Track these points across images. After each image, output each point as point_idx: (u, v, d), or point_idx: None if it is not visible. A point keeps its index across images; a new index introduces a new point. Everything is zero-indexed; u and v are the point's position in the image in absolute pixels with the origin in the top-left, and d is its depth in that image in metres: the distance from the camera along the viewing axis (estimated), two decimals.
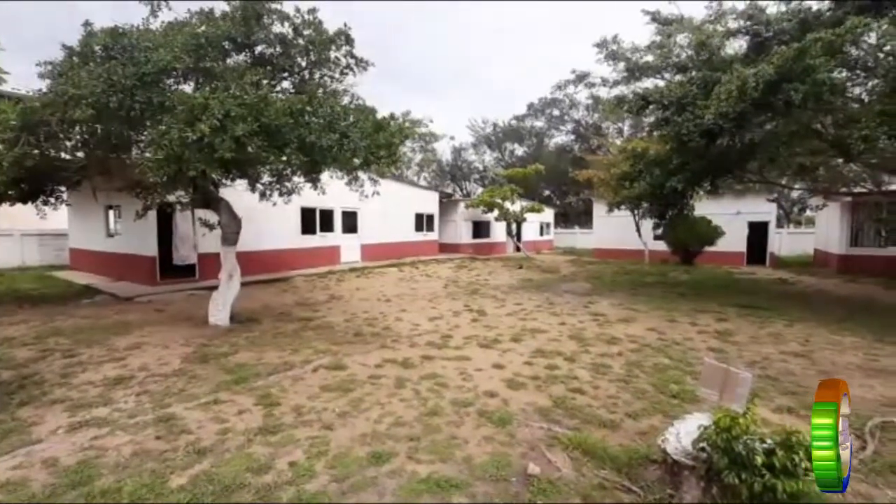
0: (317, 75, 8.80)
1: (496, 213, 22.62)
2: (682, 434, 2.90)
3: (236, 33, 7.21)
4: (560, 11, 67.31)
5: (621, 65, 11.05)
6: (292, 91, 8.34)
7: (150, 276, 11.96)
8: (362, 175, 9.21)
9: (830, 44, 7.63)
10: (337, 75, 8.83)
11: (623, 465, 3.28)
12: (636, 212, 16.83)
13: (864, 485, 3.16)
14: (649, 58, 10.76)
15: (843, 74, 8.86)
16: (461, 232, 25.14)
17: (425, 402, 4.53)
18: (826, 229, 19.15)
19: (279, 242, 15.09)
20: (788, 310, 9.23)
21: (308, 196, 10.02)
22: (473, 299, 10.87)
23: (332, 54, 8.38)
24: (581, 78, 11.93)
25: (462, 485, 3.08)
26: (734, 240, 19.28)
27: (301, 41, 7.93)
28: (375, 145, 7.15)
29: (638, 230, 19.60)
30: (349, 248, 18.23)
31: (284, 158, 6.77)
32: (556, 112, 45.65)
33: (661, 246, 19.57)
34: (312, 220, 16.56)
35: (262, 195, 9.39)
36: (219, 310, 7.93)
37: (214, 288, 8.33)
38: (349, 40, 8.30)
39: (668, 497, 2.80)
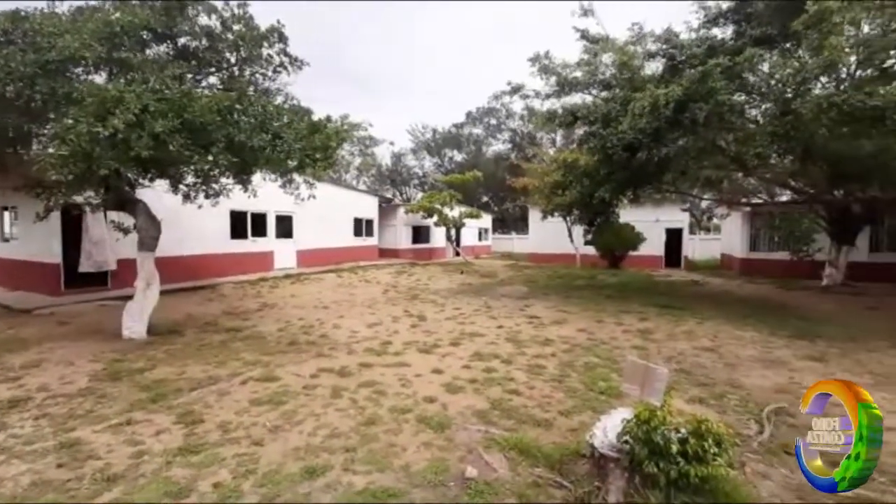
0: (247, 72, 8.40)
1: (436, 218, 22.81)
2: (608, 428, 3.08)
3: (156, 23, 6.69)
4: (501, 22, 69.59)
5: (553, 79, 11.64)
6: (220, 87, 7.89)
7: (53, 286, 10.70)
8: (298, 178, 8.90)
9: (729, 69, 8.56)
10: (269, 73, 8.50)
11: (556, 461, 3.41)
12: (568, 218, 17.72)
13: (761, 465, 3.53)
14: (578, 74, 11.43)
15: (742, 97, 9.96)
16: (401, 237, 25.03)
17: (363, 411, 4.44)
18: (730, 236, 21.34)
19: (206, 247, 14.14)
20: (700, 309, 10.13)
21: (238, 199, 9.49)
22: (413, 304, 10.85)
23: (265, 51, 8.06)
24: (516, 90, 12.41)
25: (400, 493, 3.05)
26: (654, 245, 20.93)
27: (230, 36, 7.54)
28: (311, 147, 6.94)
29: (570, 236, 20.64)
30: (284, 254, 17.49)
31: (211, 158, 6.38)
32: (493, 121, 47.00)
33: (592, 250, 20.74)
34: (243, 224, 15.70)
35: (186, 197, 8.76)
36: (134, 321, 7.26)
37: (129, 297, 7.62)
38: (282, 38, 8.02)
39: (595, 489, 2.96)
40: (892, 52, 9.24)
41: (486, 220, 34.05)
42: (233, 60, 8.00)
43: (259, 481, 3.19)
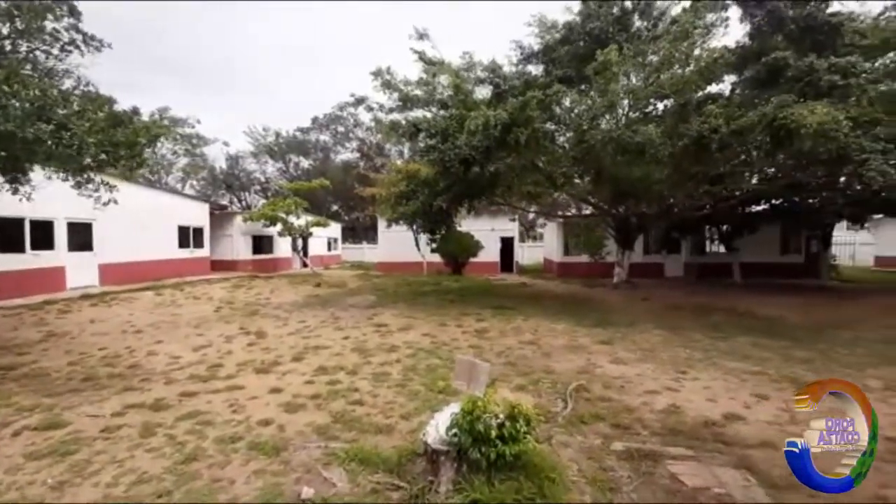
0: (23, 48, 6.74)
1: (279, 227, 21.38)
2: (440, 424, 3.31)
3: None
4: (349, 31, 68.93)
5: (396, 94, 12.07)
6: None
7: None
8: (97, 178, 7.44)
9: (542, 101, 10.07)
10: (56, 52, 6.96)
11: (394, 465, 3.52)
12: (414, 227, 18.47)
13: (564, 436, 4.20)
14: (418, 92, 12.08)
15: (553, 126, 11.80)
16: (239, 247, 22.76)
17: (182, 448, 3.92)
18: (550, 243, 24.88)
19: None
20: (526, 308, 11.57)
21: (7, 202, 7.46)
22: (252, 321, 9.96)
23: (49, 25, 6.58)
24: (360, 101, 12.53)
25: None
26: (491, 252, 23.17)
27: (2, 3, 5.97)
28: (111, 143, 5.87)
29: (417, 244, 21.48)
30: (80, 270, 14.31)
31: None
32: (341, 128, 46.24)
33: (438, 258, 21.92)
34: (17, 234, 12.36)
35: None
36: None
37: None
38: (74, 12, 6.68)
39: (429, 484, 3.15)
40: (651, 101, 12.06)
41: (336, 230, 33.22)
42: (4, 32, 6.34)
43: None
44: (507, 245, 24.28)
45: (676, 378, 5.90)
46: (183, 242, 19.46)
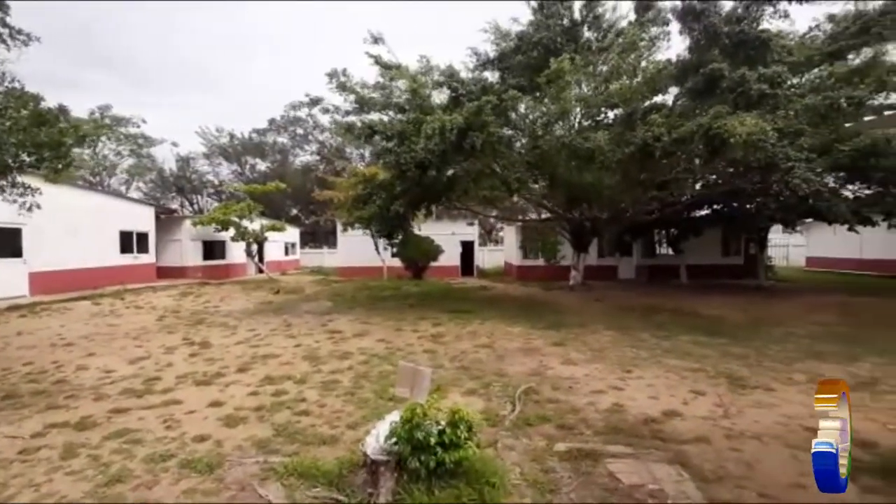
0: None
1: (233, 231, 20.60)
2: (381, 434, 3.26)
3: None
4: (307, 32, 67.53)
5: (352, 96, 11.90)
6: None
7: None
8: (21, 180, 6.88)
9: (498, 107, 10.21)
10: None
11: (335, 477, 3.42)
12: (371, 231, 18.27)
13: (510, 439, 4.23)
14: (375, 95, 11.97)
15: (509, 132, 12.00)
16: (188, 253, 21.75)
17: (106, 469, 3.66)
18: (509, 247, 25.25)
19: None
20: (483, 311, 11.66)
21: None
22: (197, 330, 9.50)
23: None
24: (315, 102, 12.27)
25: None
26: (451, 256, 23.24)
27: None
28: (34, 143, 5.45)
29: (377, 249, 21.25)
30: (7, 279, 13.24)
31: None
32: (300, 130, 45.20)
33: (398, 263, 21.76)
34: None
35: None
36: None
37: None
38: (1, 6, 6.18)
39: (368, 496, 3.08)
40: (602, 109, 12.50)
41: (294, 234, 32.40)
42: None
43: None
44: (467, 249, 24.45)
45: (622, 377, 6.10)
46: (126, 248, 18.39)
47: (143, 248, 19.36)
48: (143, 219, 19.54)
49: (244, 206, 20.78)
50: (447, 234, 23.08)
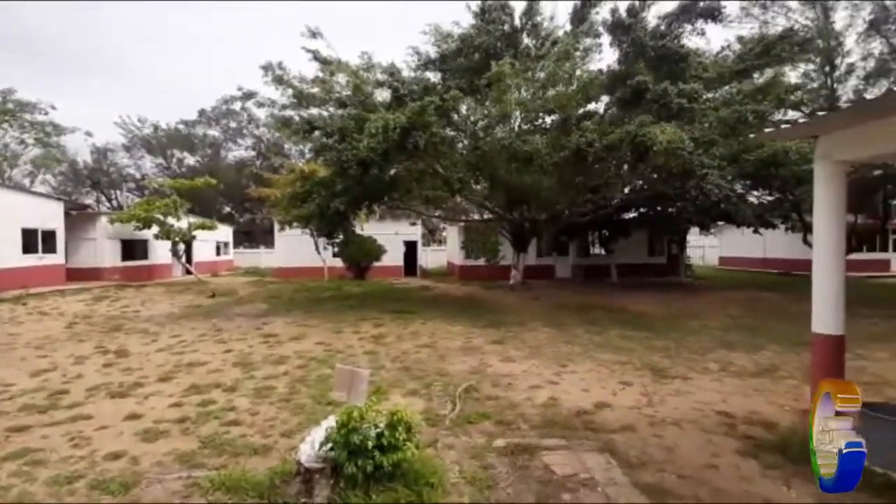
0: None
1: (156, 229, 19.06)
2: (317, 440, 3.14)
3: None
4: (242, 23, 63.92)
5: (290, 91, 11.43)
6: None
7: None
8: None
9: (440, 107, 10.26)
10: None
11: (266, 488, 3.25)
12: (311, 231, 17.67)
13: (450, 438, 4.26)
14: (315, 90, 11.58)
15: (451, 132, 12.10)
16: (104, 253, 19.82)
17: (4, 493, 3.24)
18: (452, 247, 25.48)
19: None
20: (425, 311, 11.66)
21: None
22: (112, 338, 8.68)
23: None
24: (248, 96, 11.65)
25: None
26: (395, 256, 23.04)
27: None
28: None
29: (317, 248, 20.58)
30: None
31: None
32: (233, 124, 42.77)
33: (340, 263, 21.21)
34: None
35: None
36: None
37: None
38: None
39: None
40: (540, 114, 12.94)
41: (226, 233, 30.59)
42: None
43: None
44: (410, 249, 24.35)
45: (558, 372, 6.35)
46: (29, 247, 16.43)
47: (49, 247, 17.38)
48: (49, 215, 17.53)
49: (169, 202, 19.28)
50: (390, 234, 22.85)
